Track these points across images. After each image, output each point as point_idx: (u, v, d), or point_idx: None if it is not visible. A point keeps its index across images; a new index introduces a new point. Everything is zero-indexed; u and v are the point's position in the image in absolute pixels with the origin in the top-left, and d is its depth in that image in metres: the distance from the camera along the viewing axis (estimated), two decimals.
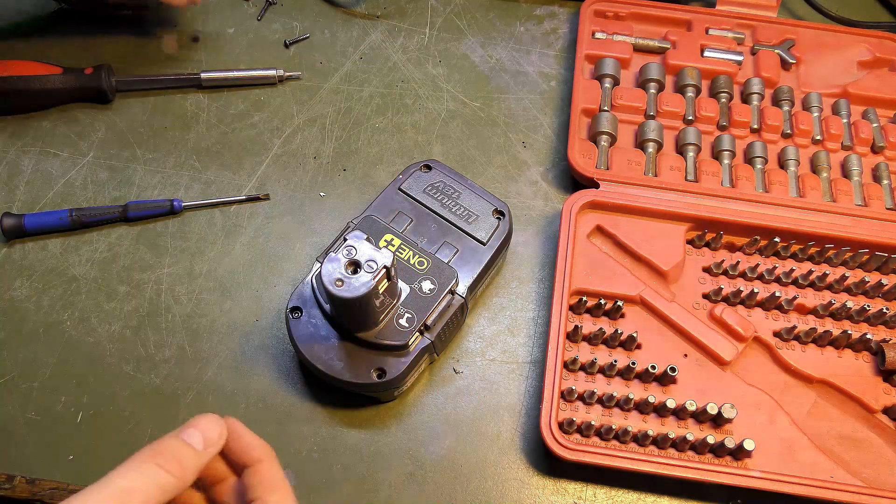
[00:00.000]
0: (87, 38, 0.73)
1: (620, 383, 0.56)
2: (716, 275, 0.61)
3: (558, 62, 0.74)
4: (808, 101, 0.68)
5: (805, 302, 0.59)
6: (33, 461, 0.53)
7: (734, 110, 0.67)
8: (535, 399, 0.56)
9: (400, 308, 0.52)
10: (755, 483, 0.50)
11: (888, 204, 0.63)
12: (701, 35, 0.72)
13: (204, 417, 0.37)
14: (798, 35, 0.72)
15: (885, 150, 0.66)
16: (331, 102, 0.70)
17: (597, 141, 0.65)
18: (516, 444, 0.55)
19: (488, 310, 0.60)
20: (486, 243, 0.56)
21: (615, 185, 0.62)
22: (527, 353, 0.58)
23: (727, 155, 0.65)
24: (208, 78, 0.69)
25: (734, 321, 0.57)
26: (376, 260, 0.45)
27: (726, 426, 0.54)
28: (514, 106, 0.71)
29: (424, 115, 0.70)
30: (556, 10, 0.77)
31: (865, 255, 0.60)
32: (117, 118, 0.69)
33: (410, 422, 0.55)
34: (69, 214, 0.61)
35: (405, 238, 0.55)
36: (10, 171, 0.65)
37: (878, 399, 0.55)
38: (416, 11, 0.76)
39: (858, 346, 0.57)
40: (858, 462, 0.54)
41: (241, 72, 0.70)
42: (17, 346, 0.58)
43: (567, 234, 0.59)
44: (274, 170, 0.66)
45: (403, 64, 0.73)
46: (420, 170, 0.59)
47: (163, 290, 0.60)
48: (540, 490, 0.53)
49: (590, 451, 0.51)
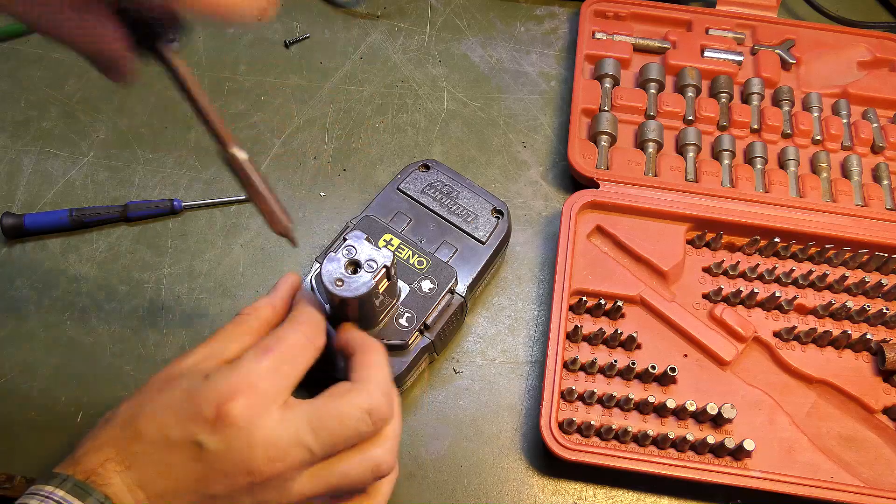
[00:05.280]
0: None
1: (620, 383, 0.56)
2: (716, 275, 0.61)
3: (558, 62, 0.74)
4: (808, 102, 0.68)
5: (805, 302, 0.59)
6: (33, 461, 0.53)
7: (734, 110, 0.67)
8: (535, 399, 0.56)
9: (400, 308, 0.52)
10: (755, 483, 0.50)
11: (888, 204, 0.63)
12: (701, 35, 0.72)
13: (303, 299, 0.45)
14: (798, 35, 0.72)
15: (885, 150, 0.66)
16: (331, 102, 0.70)
17: (597, 141, 0.65)
18: (516, 444, 0.55)
19: (488, 310, 0.60)
20: (485, 242, 0.56)
21: (615, 185, 0.62)
22: (527, 353, 0.58)
23: (727, 155, 0.65)
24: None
25: (734, 321, 0.57)
26: (376, 259, 0.45)
27: (726, 426, 0.54)
28: (514, 106, 0.71)
29: (424, 115, 0.70)
30: (556, 10, 0.77)
31: (865, 255, 0.60)
32: (117, 118, 0.69)
33: (410, 422, 0.55)
34: (69, 214, 0.61)
35: (404, 238, 0.55)
36: (10, 171, 0.65)
37: (878, 399, 0.55)
38: (416, 11, 0.76)
39: (858, 346, 0.57)
40: (858, 462, 0.54)
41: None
42: (17, 346, 0.58)
43: (567, 234, 0.59)
44: (274, 170, 0.66)
45: (403, 64, 0.73)
46: (419, 169, 0.59)
47: (163, 290, 0.60)
48: (540, 490, 0.53)
49: (590, 451, 0.51)
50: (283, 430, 0.39)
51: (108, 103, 0.69)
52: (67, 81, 0.70)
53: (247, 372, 0.40)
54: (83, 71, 0.71)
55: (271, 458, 0.39)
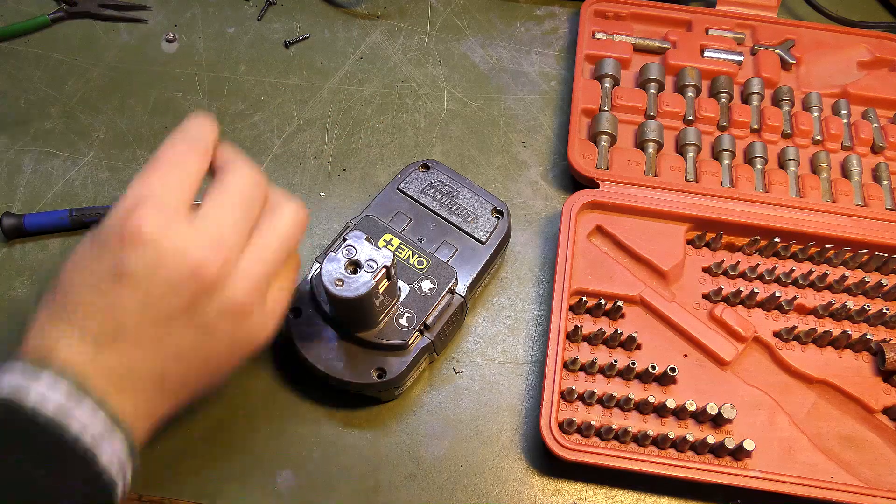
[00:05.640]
0: (89, 38, 0.73)
1: (620, 383, 0.56)
2: (716, 275, 0.61)
3: (558, 62, 0.74)
4: (808, 102, 0.68)
5: (805, 302, 0.59)
6: None
7: (734, 110, 0.67)
8: (535, 399, 0.56)
9: (400, 308, 0.52)
10: (755, 483, 0.50)
11: (888, 204, 0.63)
12: (701, 35, 0.72)
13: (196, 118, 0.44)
14: (798, 35, 0.72)
15: (885, 150, 0.66)
16: (331, 102, 0.70)
17: (597, 141, 0.65)
18: (516, 444, 0.55)
19: (488, 310, 0.60)
20: (485, 242, 0.56)
21: (615, 185, 0.62)
22: (527, 353, 0.58)
23: (727, 155, 0.65)
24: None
25: (734, 321, 0.57)
26: (376, 259, 0.45)
27: (726, 426, 0.54)
28: (514, 106, 0.71)
29: (424, 115, 0.70)
30: (556, 10, 0.77)
31: (865, 255, 0.60)
32: (117, 118, 0.69)
33: (410, 422, 0.55)
34: (69, 214, 0.61)
35: (404, 238, 0.55)
36: (10, 171, 0.65)
37: (878, 399, 0.55)
38: (416, 11, 0.76)
39: (858, 346, 0.57)
40: (858, 462, 0.54)
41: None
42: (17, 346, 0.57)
43: (567, 234, 0.59)
44: (274, 170, 0.66)
45: (403, 64, 0.73)
46: (418, 169, 0.59)
47: None
48: (540, 490, 0.53)
49: (590, 452, 0.51)
50: (196, 230, 0.39)
51: (108, 103, 0.69)
52: (67, 81, 0.70)
53: (138, 189, 0.40)
54: (83, 71, 0.71)
55: (201, 259, 0.39)
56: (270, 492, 0.52)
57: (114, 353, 0.39)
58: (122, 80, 0.71)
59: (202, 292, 0.40)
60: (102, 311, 0.39)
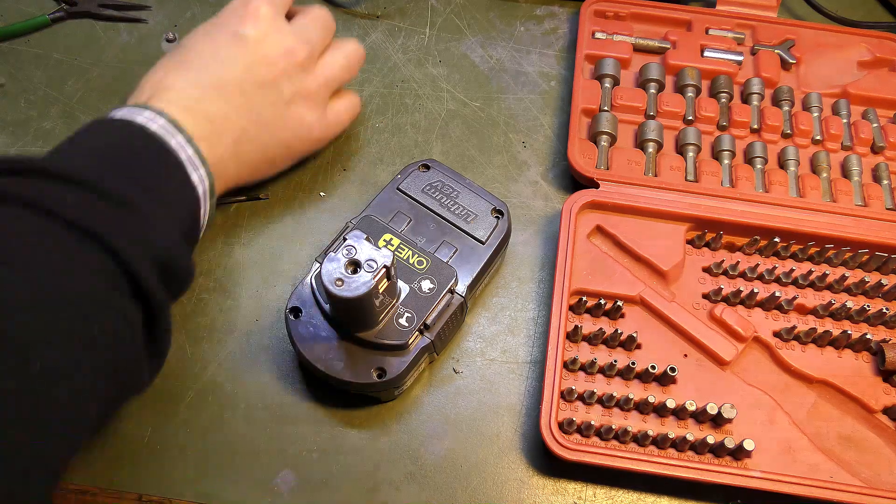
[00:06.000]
0: (89, 38, 0.73)
1: (620, 383, 0.56)
2: (716, 275, 0.61)
3: (558, 62, 0.74)
4: (808, 101, 0.68)
5: (805, 302, 0.59)
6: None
7: (734, 110, 0.67)
8: (535, 399, 0.56)
9: (399, 308, 0.52)
10: (755, 483, 0.50)
11: (888, 204, 0.63)
12: (701, 35, 0.72)
13: None
14: (798, 35, 0.72)
15: (885, 150, 0.66)
16: None
17: (597, 141, 0.65)
18: (516, 444, 0.55)
19: (488, 310, 0.60)
20: (485, 242, 0.56)
21: (615, 185, 0.62)
22: (527, 353, 0.58)
23: (727, 155, 0.65)
24: None
25: (734, 321, 0.57)
26: (376, 259, 0.45)
27: (726, 426, 0.54)
28: (514, 106, 0.71)
29: (424, 115, 0.70)
30: (556, 10, 0.77)
31: (865, 255, 0.60)
32: None
33: (410, 422, 0.55)
34: None
35: (404, 237, 0.55)
36: None
37: (878, 399, 0.55)
38: (416, 11, 0.76)
39: (858, 346, 0.57)
40: (858, 462, 0.54)
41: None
42: None
43: (567, 234, 0.59)
44: None
45: (403, 64, 0.73)
46: (418, 169, 0.59)
47: None
48: (540, 490, 0.53)
49: (590, 451, 0.51)
50: (292, 26, 0.56)
51: (108, 103, 0.69)
52: (67, 81, 0.70)
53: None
54: (83, 71, 0.71)
55: (294, 45, 0.54)
56: (270, 492, 0.52)
57: (214, 101, 0.51)
58: (122, 80, 0.71)
59: (289, 71, 0.54)
60: (217, 62, 0.52)
